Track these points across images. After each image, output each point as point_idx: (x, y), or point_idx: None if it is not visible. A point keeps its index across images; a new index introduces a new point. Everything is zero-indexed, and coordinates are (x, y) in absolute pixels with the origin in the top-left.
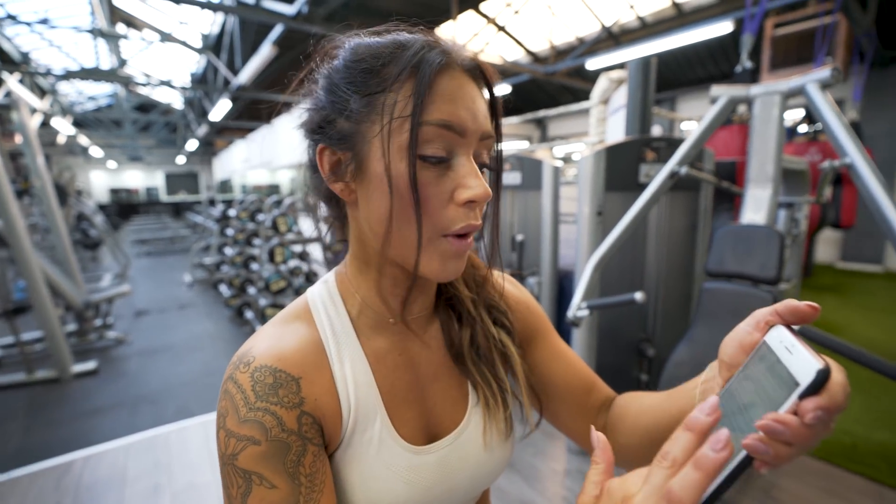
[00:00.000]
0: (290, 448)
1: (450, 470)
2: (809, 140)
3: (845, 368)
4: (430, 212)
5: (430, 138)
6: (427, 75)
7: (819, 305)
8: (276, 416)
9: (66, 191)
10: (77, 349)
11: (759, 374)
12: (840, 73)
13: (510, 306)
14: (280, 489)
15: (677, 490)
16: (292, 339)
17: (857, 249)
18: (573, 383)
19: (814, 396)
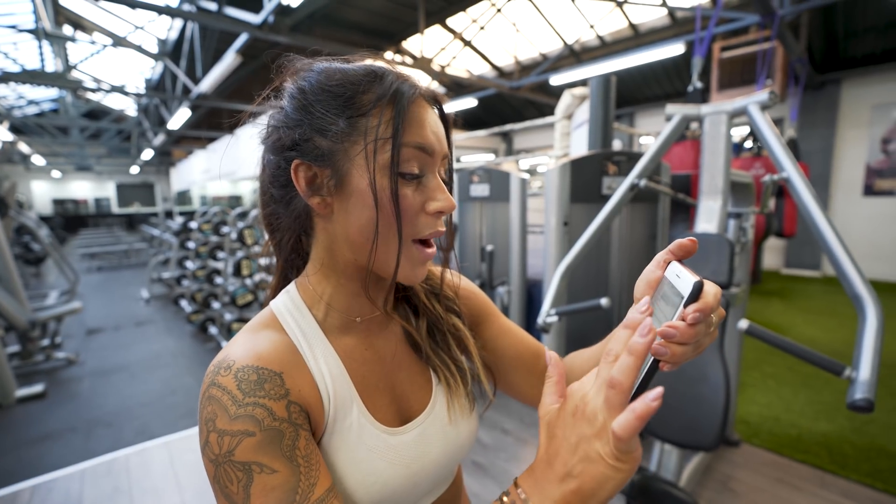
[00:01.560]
0: (284, 434)
1: (425, 447)
2: (754, 156)
3: (792, 365)
4: (407, 221)
5: (407, 158)
6: (404, 104)
7: (696, 240)
8: (266, 407)
9: (6, 201)
10: (21, 372)
11: (661, 302)
12: (777, 96)
13: (458, 294)
14: (281, 472)
15: (616, 374)
16: (266, 342)
17: (798, 257)
18: (523, 353)
19: (692, 304)
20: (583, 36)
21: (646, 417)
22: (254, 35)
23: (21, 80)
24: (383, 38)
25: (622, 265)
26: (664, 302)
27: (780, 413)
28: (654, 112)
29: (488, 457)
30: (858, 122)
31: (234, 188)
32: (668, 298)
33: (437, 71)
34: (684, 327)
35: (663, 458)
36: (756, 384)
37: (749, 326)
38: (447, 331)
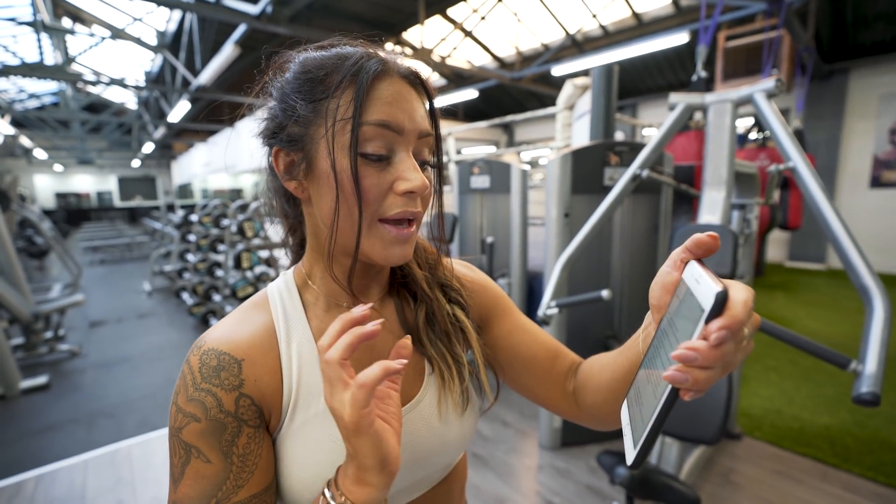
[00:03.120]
0: (227, 428)
1: (404, 442)
2: (759, 146)
3: (794, 358)
4: (370, 201)
5: (370, 137)
6: (365, 80)
7: (717, 234)
8: (216, 397)
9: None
10: (25, 364)
11: (680, 311)
12: (783, 84)
13: (465, 286)
14: (214, 464)
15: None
16: (244, 325)
17: (802, 249)
18: (538, 353)
19: (716, 318)
20: (585, 25)
21: (371, 385)
22: (252, 26)
23: (21, 73)
24: (383, 28)
25: (624, 257)
26: (683, 312)
27: (783, 406)
28: (658, 103)
29: (488, 449)
30: (866, 113)
31: (235, 181)
32: (687, 309)
33: (438, 62)
34: (706, 348)
35: (664, 450)
36: (758, 377)
37: None
38: (448, 321)
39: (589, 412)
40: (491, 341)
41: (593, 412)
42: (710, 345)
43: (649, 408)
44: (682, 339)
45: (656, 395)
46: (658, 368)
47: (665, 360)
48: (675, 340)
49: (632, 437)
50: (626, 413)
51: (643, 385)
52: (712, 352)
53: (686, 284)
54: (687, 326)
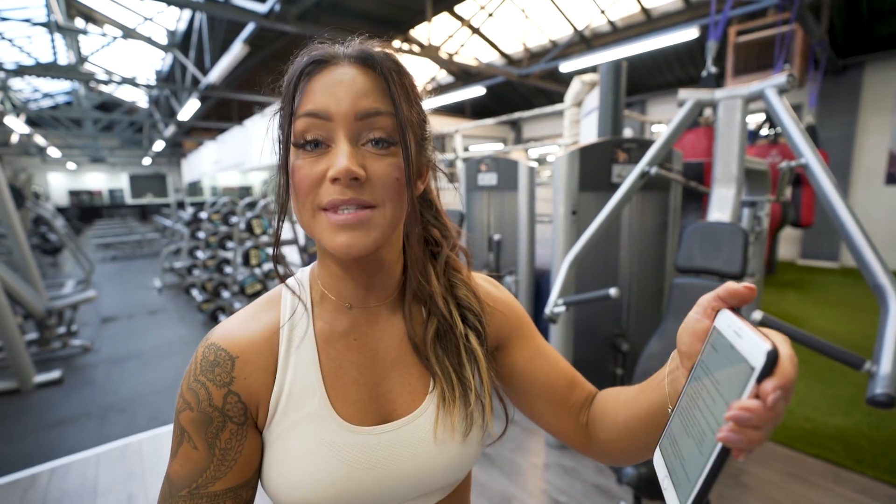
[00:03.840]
0: (213, 421)
1: (393, 456)
2: (770, 143)
3: (806, 358)
4: (305, 191)
5: (303, 128)
6: (294, 77)
7: (754, 286)
8: (207, 391)
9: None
10: (39, 358)
11: (717, 362)
12: (795, 79)
13: (488, 307)
14: (199, 452)
15: None
16: (250, 323)
17: (815, 247)
18: (555, 381)
19: (769, 378)
20: (593, 21)
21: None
22: (260, 24)
23: (36, 73)
24: (391, 26)
25: (632, 255)
26: (724, 366)
27: (794, 406)
28: (667, 99)
29: (494, 447)
30: (882, 108)
31: (244, 179)
32: (728, 363)
33: (445, 59)
34: (761, 409)
35: None
36: None
37: (763, 317)
38: (460, 342)
39: (600, 447)
40: (509, 364)
41: (605, 448)
42: (766, 406)
43: (694, 463)
44: (728, 396)
45: (702, 451)
46: (698, 421)
47: (706, 414)
48: (718, 395)
49: (675, 493)
50: (662, 463)
51: (681, 437)
52: (767, 413)
53: (722, 335)
54: (732, 382)
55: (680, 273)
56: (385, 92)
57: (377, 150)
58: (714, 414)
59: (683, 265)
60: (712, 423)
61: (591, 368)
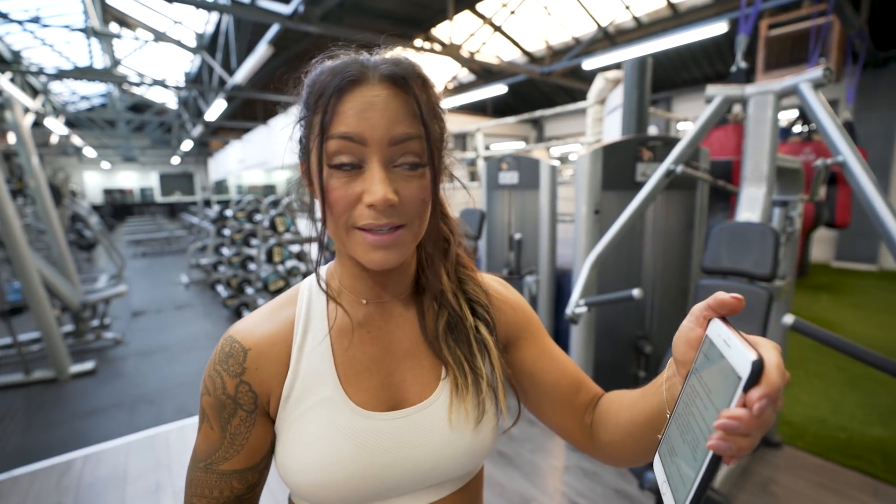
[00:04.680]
0: (225, 407)
1: (405, 441)
2: (804, 140)
3: (841, 364)
4: (339, 211)
5: (336, 149)
6: (328, 95)
7: (742, 297)
8: (222, 379)
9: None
10: (74, 350)
11: (709, 371)
12: (832, 73)
13: (496, 304)
14: (214, 432)
15: None
16: (266, 318)
17: (851, 249)
18: (562, 382)
19: (755, 387)
20: (618, 17)
21: None
22: (285, 25)
23: (73, 76)
24: (413, 25)
25: (656, 255)
26: (714, 374)
27: (827, 415)
28: (693, 96)
29: (514, 447)
30: None
31: (269, 177)
32: (718, 371)
33: (467, 57)
34: (748, 417)
35: None
36: (801, 383)
37: (795, 322)
38: (470, 333)
39: (603, 448)
40: (517, 363)
41: (607, 450)
42: (753, 415)
43: (690, 469)
44: (718, 404)
45: (696, 457)
46: (692, 427)
47: (699, 421)
48: (710, 402)
49: (672, 498)
50: (661, 468)
51: (677, 443)
52: (754, 420)
53: (714, 344)
54: (722, 390)
55: (706, 274)
56: (416, 115)
57: (407, 172)
58: (706, 421)
59: (710, 266)
60: (705, 430)
61: (613, 370)
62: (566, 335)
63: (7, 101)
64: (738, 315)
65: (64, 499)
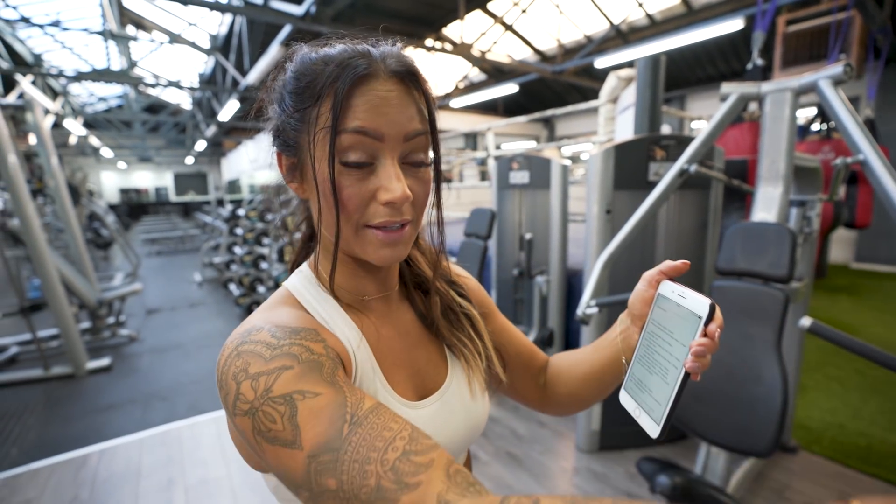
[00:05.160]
0: (323, 365)
1: (443, 421)
2: (823, 138)
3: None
4: (352, 210)
5: (349, 144)
6: (342, 88)
7: (688, 262)
8: (304, 346)
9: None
10: (91, 346)
11: (667, 318)
12: (853, 70)
13: (464, 285)
14: (325, 394)
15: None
16: (287, 314)
17: (872, 250)
18: (521, 351)
19: (712, 322)
20: (630, 15)
21: None
22: (297, 26)
23: (92, 78)
24: (424, 24)
25: (669, 256)
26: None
27: (846, 420)
28: (708, 94)
29: (523, 449)
30: None
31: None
32: (674, 316)
33: (478, 57)
34: (710, 343)
35: (709, 461)
36: (818, 387)
37: (812, 324)
38: (459, 311)
39: (556, 401)
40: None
41: (562, 400)
42: (713, 341)
43: (663, 392)
44: (682, 339)
45: (667, 381)
46: (658, 361)
47: (665, 355)
48: (673, 340)
49: (649, 417)
50: (631, 400)
51: (644, 376)
52: (714, 345)
53: (668, 298)
54: (684, 329)
55: (720, 275)
56: (423, 112)
57: (414, 168)
58: (673, 354)
59: (724, 267)
60: (672, 360)
61: None
62: (576, 336)
63: (28, 103)
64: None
65: (80, 492)
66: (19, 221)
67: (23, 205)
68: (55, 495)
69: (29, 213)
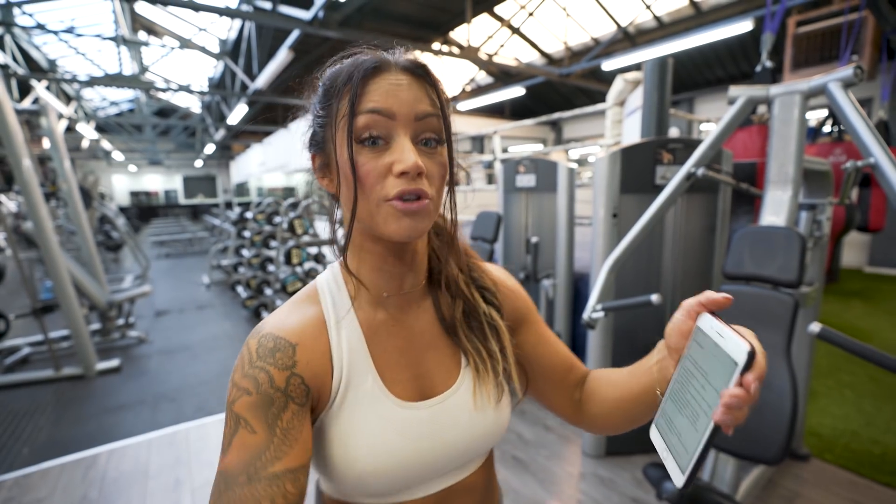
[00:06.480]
0: (274, 402)
1: (441, 426)
2: (834, 140)
3: (875, 374)
4: (370, 185)
5: (364, 124)
6: (357, 76)
7: (731, 297)
8: (268, 374)
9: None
10: (100, 347)
11: (703, 357)
12: (863, 72)
13: (502, 291)
14: (258, 435)
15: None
16: (297, 315)
17: (886, 254)
18: (557, 364)
19: (749, 371)
20: (638, 17)
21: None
22: (305, 31)
23: (104, 83)
24: (431, 29)
25: (676, 260)
26: (710, 360)
27: (860, 427)
28: (716, 97)
29: (529, 453)
30: None
31: (288, 180)
32: (711, 356)
33: (485, 60)
34: (745, 395)
35: (718, 467)
36: (830, 394)
37: (822, 330)
38: (483, 319)
39: (591, 420)
40: (518, 346)
41: (595, 421)
42: (749, 394)
43: (691, 439)
44: (716, 384)
45: (697, 428)
46: (690, 404)
47: (697, 398)
48: (707, 383)
49: (675, 462)
50: (660, 439)
51: (675, 416)
52: (749, 398)
53: (706, 335)
54: (719, 373)
55: (728, 280)
56: (433, 98)
57: (428, 148)
58: (705, 399)
59: (732, 272)
60: (703, 406)
61: None
62: (583, 340)
63: (43, 108)
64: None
65: (89, 491)
66: (33, 224)
67: (37, 208)
68: (65, 495)
69: (42, 215)
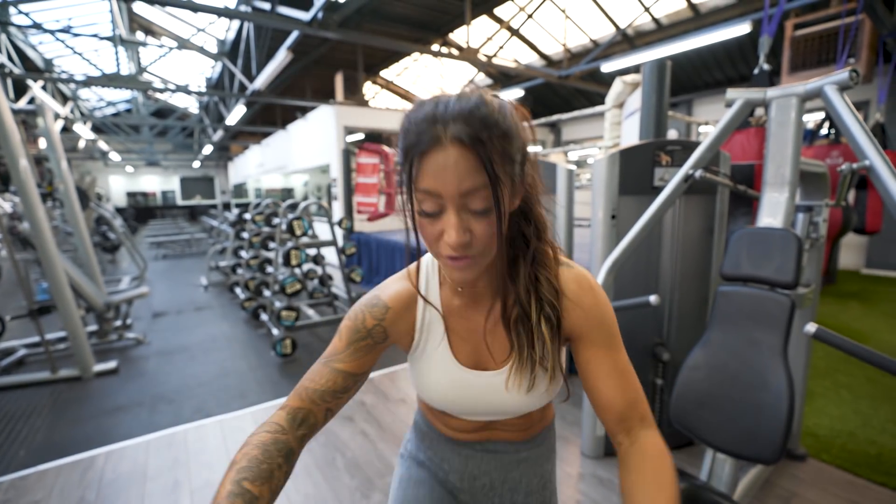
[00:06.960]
0: (359, 332)
1: (480, 391)
2: (831, 143)
3: (872, 375)
4: (430, 243)
5: (422, 198)
6: (414, 157)
7: None
8: (364, 315)
9: (87, 194)
10: (98, 349)
11: None
12: (859, 76)
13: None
14: (341, 343)
15: None
16: (395, 286)
17: (883, 255)
18: (599, 397)
19: None
20: (637, 20)
21: None
22: (304, 32)
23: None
24: (430, 30)
25: (674, 261)
26: None
27: (856, 428)
28: (715, 99)
29: None
30: None
31: (287, 181)
32: None
33: (484, 62)
34: None
35: (715, 467)
36: (827, 394)
37: (817, 330)
38: (533, 327)
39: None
40: (576, 356)
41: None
42: None
43: None
44: None
45: None
46: None
47: None
48: None
49: None
50: None
51: None
52: None
53: None
54: None
55: (726, 281)
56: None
57: (478, 215)
58: None
59: (730, 273)
60: None
61: None
62: None
63: (39, 108)
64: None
65: (87, 494)
66: (29, 225)
67: (33, 208)
68: (62, 497)
69: (39, 216)
